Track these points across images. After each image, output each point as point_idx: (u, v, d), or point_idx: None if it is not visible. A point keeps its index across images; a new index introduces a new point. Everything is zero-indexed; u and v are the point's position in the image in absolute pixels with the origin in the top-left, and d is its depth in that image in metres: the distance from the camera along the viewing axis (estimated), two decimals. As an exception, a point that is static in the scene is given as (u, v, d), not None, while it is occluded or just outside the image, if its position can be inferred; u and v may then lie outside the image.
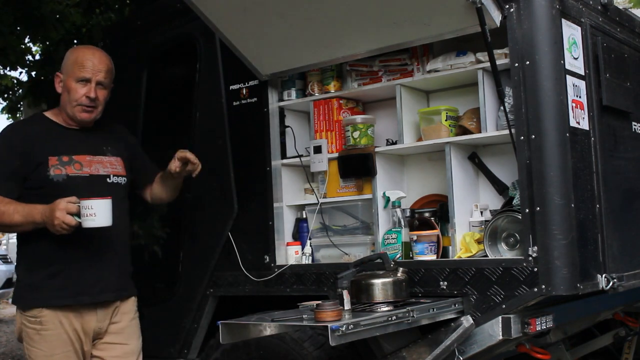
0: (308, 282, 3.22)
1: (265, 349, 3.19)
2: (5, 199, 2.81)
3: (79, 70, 2.90)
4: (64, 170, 2.85)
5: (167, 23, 3.91)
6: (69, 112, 2.94)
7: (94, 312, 2.90)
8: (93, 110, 2.94)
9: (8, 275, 12.80)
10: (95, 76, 2.91)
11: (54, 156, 2.86)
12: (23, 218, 2.76)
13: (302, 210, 3.48)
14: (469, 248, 2.92)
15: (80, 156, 2.91)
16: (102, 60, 2.96)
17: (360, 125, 3.25)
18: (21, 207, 2.78)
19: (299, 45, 3.15)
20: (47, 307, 2.82)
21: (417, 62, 3.18)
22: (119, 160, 3.05)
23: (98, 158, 2.97)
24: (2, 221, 2.80)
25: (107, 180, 2.97)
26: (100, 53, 3.00)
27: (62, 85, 2.96)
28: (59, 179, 2.84)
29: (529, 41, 2.68)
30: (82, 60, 2.92)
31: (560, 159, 2.65)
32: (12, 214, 2.77)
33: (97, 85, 2.92)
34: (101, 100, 2.96)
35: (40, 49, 8.50)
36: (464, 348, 2.75)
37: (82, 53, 2.97)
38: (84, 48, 3.07)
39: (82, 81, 2.90)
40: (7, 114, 9.22)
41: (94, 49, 3.05)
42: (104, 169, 2.97)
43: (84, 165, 2.91)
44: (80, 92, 2.90)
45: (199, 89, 3.73)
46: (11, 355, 8.67)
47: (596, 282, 2.79)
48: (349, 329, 2.28)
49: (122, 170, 3.05)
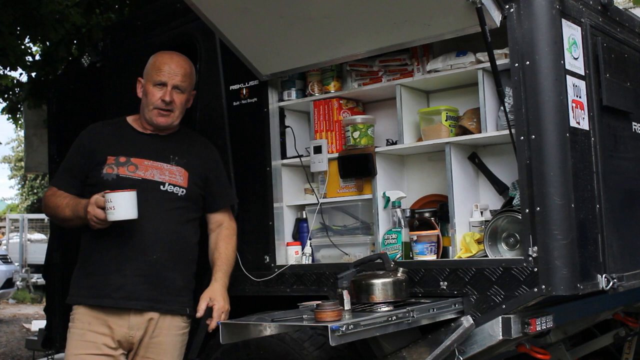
0: (308, 282, 3.22)
1: (265, 349, 3.19)
2: (63, 193, 2.90)
3: (156, 74, 2.94)
4: (116, 169, 2.88)
5: (167, 23, 3.91)
6: (146, 117, 2.97)
7: (127, 318, 2.84)
8: (169, 114, 2.96)
9: (8, 276, 12.81)
10: (172, 80, 2.94)
11: (112, 156, 2.90)
12: (72, 212, 2.82)
13: (302, 211, 3.48)
14: (469, 248, 2.92)
15: (138, 159, 2.92)
16: (180, 64, 2.99)
17: (360, 125, 3.25)
18: (72, 201, 2.84)
19: (299, 45, 3.15)
20: (81, 305, 2.86)
21: (417, 62, 3.18)
22: (182, 171, 2.99)
23: (158, 164, 2.94)
24: (57, 214, 2.91)
25: (161, 187, 2.92)
26: (179, 57, 3.02)
27: (142, 90, 3.00)
28: (108, 177, 2.86)
29: (529, 41, 2.68)
30: (159, 64, 2.96)
31: (560, 159, 2.65)
32: (64, 208, 2.85)
33: (173, 88, 2.94)
34: (178, 105, 2.97)
35: (40, 49, 8.49)
36: (464, 348, 2.75)
37: (161, 57, 3.00)
38: (163, 53, 3.07)
39: (158, 85, 2.94)
40: (7, 114, 9.22)
41: (172, 53, 3.06)
42: (161, 175, 2.93)
43: (139, 168, 2.90)
44: (157, 95, 2.93)
45: (199, 89, 3.72)
46: (11, 355, 8.67)
47: (596, 282, 2.78)
48: (349, 329, 2.29)
49: (183, 181, 2.98)
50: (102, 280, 2.83)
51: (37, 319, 11.12)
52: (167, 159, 2.97)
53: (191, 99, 3.11)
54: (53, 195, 2.95)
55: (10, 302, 15.04)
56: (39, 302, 14.77)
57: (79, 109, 4.70)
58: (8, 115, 9.31)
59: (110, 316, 2.83)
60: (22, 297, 15.71)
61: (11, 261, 13.80)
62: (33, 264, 16.58)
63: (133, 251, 2.84)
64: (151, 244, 2.86)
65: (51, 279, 5.01)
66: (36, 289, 16.25)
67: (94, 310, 2.83)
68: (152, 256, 2.86)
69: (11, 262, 13.68)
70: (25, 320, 11.95)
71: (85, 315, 2.84)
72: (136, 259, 2.84)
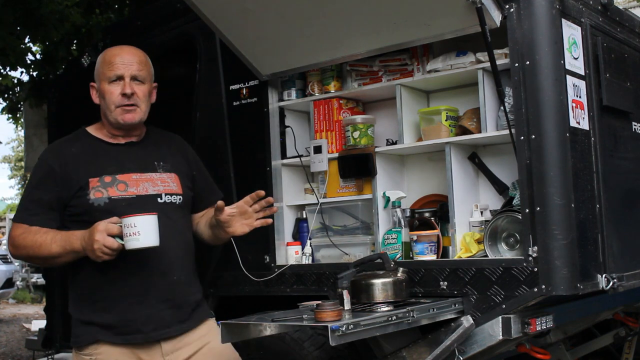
0: (308, 282, 3.22)
1: (265, 349, 3.19)
2: (42, 229, 2.51)
3: (108, 70, 2.61)
4: (106, 192, 2.53)
5: (167, 23, 3.91)
6: (111, 120, 2.63)
7: (158, 348, 2.58)
8: (134, 108, 2.62)
9: (8, 276, 12.82)
10: (127, 70, 2.60)
11: (94, 177, 2.55)
12: (61, 248, 2.46)
13: (302, 210, 3.48)
14: (469, 248, 2.92)
15: (125, 175, 2.59)
16: (132, 52, 2.67)
17: (360, 125, 3.25)
18: (59, 235, 2.48)
19: (299, 45, 3.15)
20: (101, 343, 2.52)
21: (417, 62, 3.19)
22: (172, 176, 2.70)
23: (147, 175, 2.63)
24: (40, 254, 2.50)
25: (158, 200, 2.61)
26: (129, 47, 2.71)
27: (98, 94, 2.66)
28: (100, 202, 2.52)
29: (529, 41, 2.68)
30: (109, 58, 2.63)
31: (560, 159, 2.65)
32: (49, 245, 2.47)
33: (131, 80, 2.61)
34: (141, 97, 2.63)
35: (40, 49, 8.50)
36: (464, 348, 2.75)
37: (110, 51, 2.69)
38: (111, 47, 2.76)
39: (115, 80, 2.60)
40: (7, 114, 9.23)
41: (122, 45, 2.74)
42: (154, 187, 2.62)
43: (130, 185, 2.58)
44: (116, 92, 2.60)
45: (199, 89, 3.73)
46: (11, 355, 8.67)
47: (596, 282, 2.78)
48: (349, 329, 2.28)
49: (177, 187, 2.69)
50: (125, 315, 2.52)
51: (37, 319, 11.12)
52: (153, 167, 2.67)
53: (154, 92, 2.75)
54: (27, 232, 2.52)
55: (10, 302, 15.05)
56: (39, 302, 14.77)
57: (79, 109, 4.69)
58: (8, 115, 9.32)
59: (141, 349, 2.55)
60: (22, 297, 15.72)
61: (11, 261, 13.78)
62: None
63: (153, 276, 2.56)
64: (169, 265, 2.60)
65: (51, 279, 5.01)
66: (36, 289, 16.25)
67: (120, 347, 2.52)
68: (173, 277, 2.61)
69: (11, 262, 13.67)
70: (25, 320, 11.95)
71: (110, 354, 2.52)
72: (157, 284, 2.57)
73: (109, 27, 5.18)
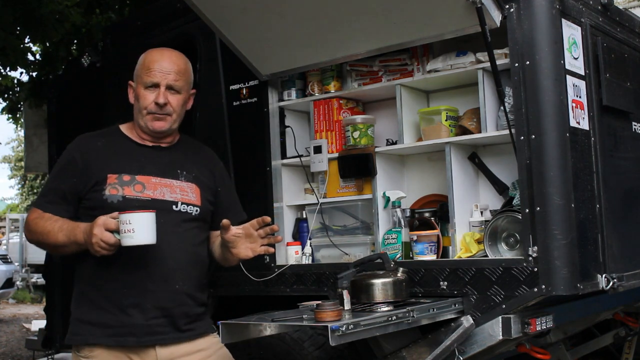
0: (308, 282, 3.22)
1: (265, 349, 3.19)
2: (53, 216, 2.51)
3: (146, 75, 2.58)
4: (121, 190, 2.50)
5: (167, 23, 3.91)
6: (141, 123, 2.61)
7: (153, 353, 2.52)
8: (165, 117, 2.59)
9: (8, 275, 12.82)
10: (164, 79, 2.57)
11: (114, 174, 2.53)
12: (66, 238, 2.45)
13: (302, 210, 3.48)
14: (469, 248, 2.92)
15: (144, 177, 2.56)
16: (172, 60, 2.62)
17: (360, 125, 3.25)
18: (67, 225, 2.47)
19: (299, 45, 3.15)
20: (96, 346, 2.50)
21: (417, 62, 3.19)
22: (193, 187, 2.64)
23: (167, 181, 2.59)
24: (48, 241, 2.50)
25: (173, 208, 2.57)
26: (171, 53, 2.65)
27: (134, 94, 2.64)
28: (113, 200, 2.49)
29: (529, 41, 2.68)
30: (148, 63, 2.59)
31: (560, 159, 2.65)
32: (56, 233, 2.47)
33: (167, 89, 2.58)
34: (174, 107, 2.60)
35: (40, 49, 8.50)
36: (464, 348, 2.75)
37: (150, 55, 2.63)
38: (153, 50, 2.68)
39: (150, 87, 2.57)
40: (7, 114, 9.23)
41: (163, 49, 2.68)
42: (172, 194, 2.58)
43: (147, 187, 2.54)
44: (149, 98, 2.57)
45: (199, 89, 3.72)
46: (11, 355, 8.67)
47: (596, 282, 2.79)
48: (349, 329, 2.28)
49: (196, 199, 2.63)
50: (120, 318, 2.49)
51: (37, 319, 11.12)
52: (176, 175, 2.63)
53: (191, 99, 2.74)
54: (40, 218, 2.54)
55: (10, 302, 15.05)
56: (39, 302, 14.77)
57: (79, 109, 4.70)
58: (8, 115, 9.32)
59: (134, 353, 2.52)
60: (22, 297, 15.72)
61: (11, 261, 13.80)
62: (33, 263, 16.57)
63: (153, 282, 2.51)
64: (172, 273, 2.54)
65: (51, 279, 5.01)
66: (36, 289, 16.26)
67: (114, 350, 2.50)
68: (175, 286, 2.55)
69: (11, 262, 13.69)
70: (25, 320, 11.95)
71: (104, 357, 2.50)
72: (157, 290, 2.51)
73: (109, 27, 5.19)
